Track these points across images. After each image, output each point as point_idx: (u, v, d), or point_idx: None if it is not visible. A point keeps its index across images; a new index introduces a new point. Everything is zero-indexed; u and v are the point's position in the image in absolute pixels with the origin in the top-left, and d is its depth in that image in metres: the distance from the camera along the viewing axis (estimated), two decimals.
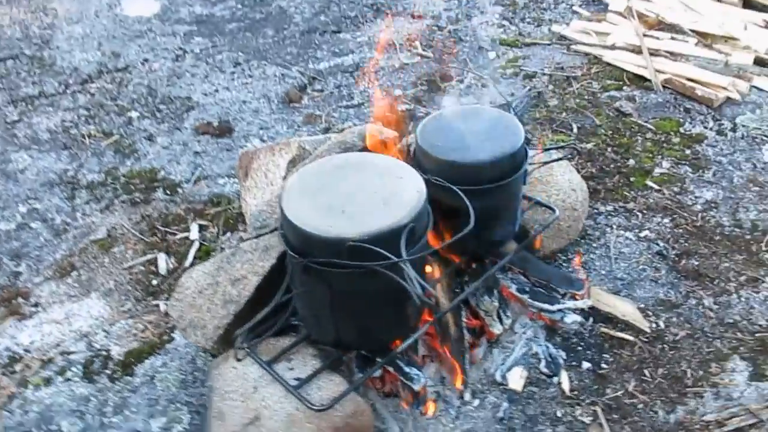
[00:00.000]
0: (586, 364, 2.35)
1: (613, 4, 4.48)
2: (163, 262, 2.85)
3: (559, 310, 2.40)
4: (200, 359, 2.42)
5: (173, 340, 2.51)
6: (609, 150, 3.33)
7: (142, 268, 2.85)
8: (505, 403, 2.23)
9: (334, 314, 1.98)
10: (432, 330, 2.24)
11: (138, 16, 4.98)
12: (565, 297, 2.43)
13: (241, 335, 2.03)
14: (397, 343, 2.10)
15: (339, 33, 4.63)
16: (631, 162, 3.24)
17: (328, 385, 2.01)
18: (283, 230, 1.94)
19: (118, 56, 4.46)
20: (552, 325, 2.43)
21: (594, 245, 2.81)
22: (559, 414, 2.20)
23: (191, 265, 2.79)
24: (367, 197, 1.93)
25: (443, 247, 2.16)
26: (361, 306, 1.96)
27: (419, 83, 3.98)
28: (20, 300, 2.74)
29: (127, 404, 2.31)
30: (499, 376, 2.29)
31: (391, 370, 2.13)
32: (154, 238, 2.99)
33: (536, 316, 2.44)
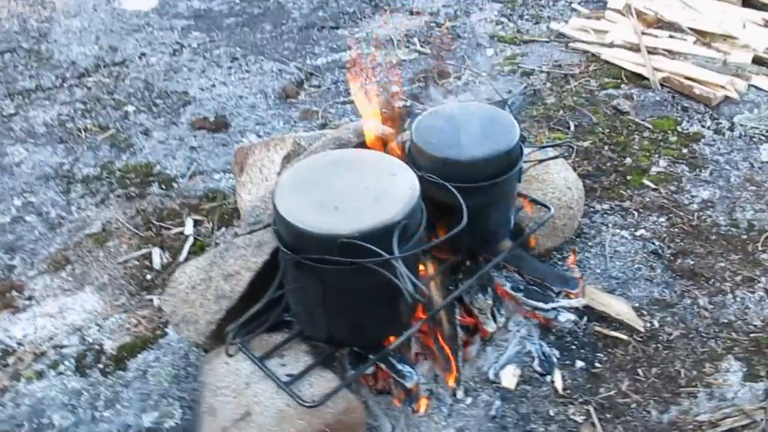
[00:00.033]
0: (579, 363, 2.34)
1: (611, 2, 4.47)
2: (157, 257, 2.85)
3: (554, 309, 2.40)
4: (193, 354, 2.42)
5: (166, 335, 2.50)
6: (606, 148, 3.32)
7: (136, 263, 2.84)
8: (498, 402, 2.22)
9: (327, 311, 1.97)
10: (425, 327, 2.24)
11: (136, 10, 4.97)
12: (560, 295, 2.42)
13: (232, 331, 2.02)
14: (390, 340, 2.09)
15: (337, 29, 4.62)
16: (628, 160, 3.23)
17: (320, 381, 2.00)
18: (275, 226, 1.93)
19: (116, 50, 4.45)
20: (546, 324, 2.43)
21: (589, 244, 2.80)
22: (551, 413, 2.20)
23: (186, 260, 2.78)
24: (360, 194, 1.92)
25: (436, 245, 2.15)
26: (354, 303, 1.95)
27: (416, 80, 3.97)
28: (14, 293, 2.73)
29: (119, 399, 2.31)
30: (492, 374, 2.28)
31: (384, 368, 2.12)
32: (149, 232, 2.99)
33: (530, 315, 2.43)
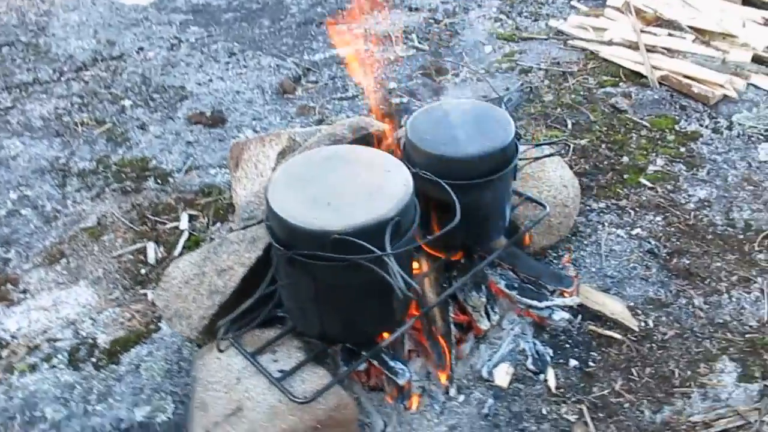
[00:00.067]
0: (573, 362, 2.33)
1: (611, 0, 4.45)
2: (152, 252, 2.84)
3: (548, 307, 2.39)
4: (186, 349, 2.41)
5: (159, 330, 2.50)
6: (603, 146, 3.31)
7: (131, 257, 2.84)
8: (491, 400, 2.22)
9: (319, 307, 1.97)
10: (418, 324, 2.24)
11: (134, 4, 4.96)
12: (554, 294, 2.42)
13: (223, 326, 2.02)
14: (383, 336, 2.09)
15: (335, 25, 4.61)
16: (625, 159, 3.22)
17: (312, 377, 2.00)
18: (268, 222, 1.92)
19: (113, 44, 4.44)
20: (540, 322, 2.42)
21: (585, 242, 2.79)
22: (544, 411, 2.19)
23: (180, 255, 2.78)
24: (353, 190, 1.91)
25: (429, 242, 2.14)
26: (346, 299, 1.94)
27: (414, 76, 3.96)
28: (9, 286, 2.73)
29: (111, 392, 2.30)
30: (485, 372, 2.28)
31: (376, 364, 2.12)
32: (144, 227, 2.98)
33: (524, 313, 2.42)
